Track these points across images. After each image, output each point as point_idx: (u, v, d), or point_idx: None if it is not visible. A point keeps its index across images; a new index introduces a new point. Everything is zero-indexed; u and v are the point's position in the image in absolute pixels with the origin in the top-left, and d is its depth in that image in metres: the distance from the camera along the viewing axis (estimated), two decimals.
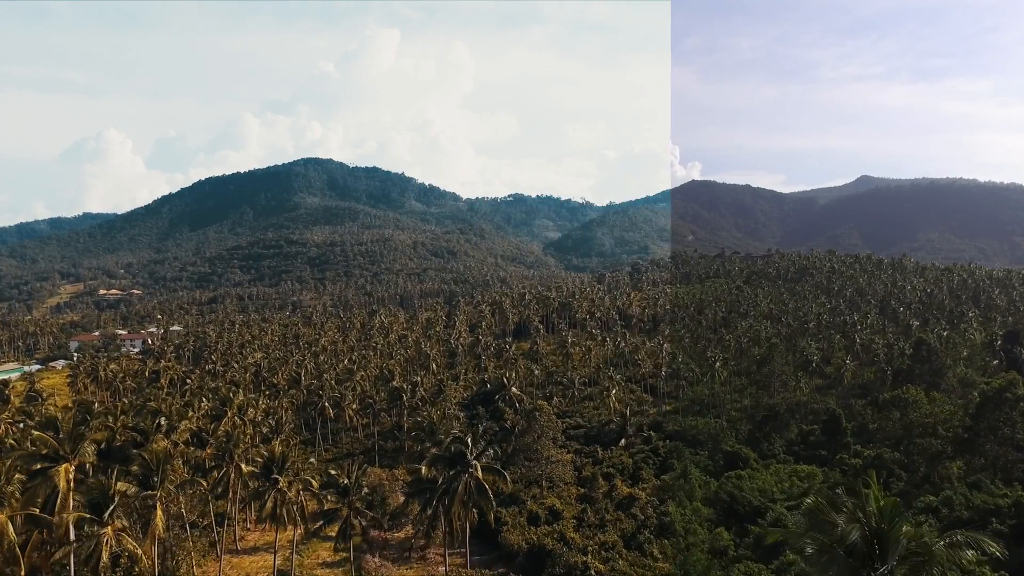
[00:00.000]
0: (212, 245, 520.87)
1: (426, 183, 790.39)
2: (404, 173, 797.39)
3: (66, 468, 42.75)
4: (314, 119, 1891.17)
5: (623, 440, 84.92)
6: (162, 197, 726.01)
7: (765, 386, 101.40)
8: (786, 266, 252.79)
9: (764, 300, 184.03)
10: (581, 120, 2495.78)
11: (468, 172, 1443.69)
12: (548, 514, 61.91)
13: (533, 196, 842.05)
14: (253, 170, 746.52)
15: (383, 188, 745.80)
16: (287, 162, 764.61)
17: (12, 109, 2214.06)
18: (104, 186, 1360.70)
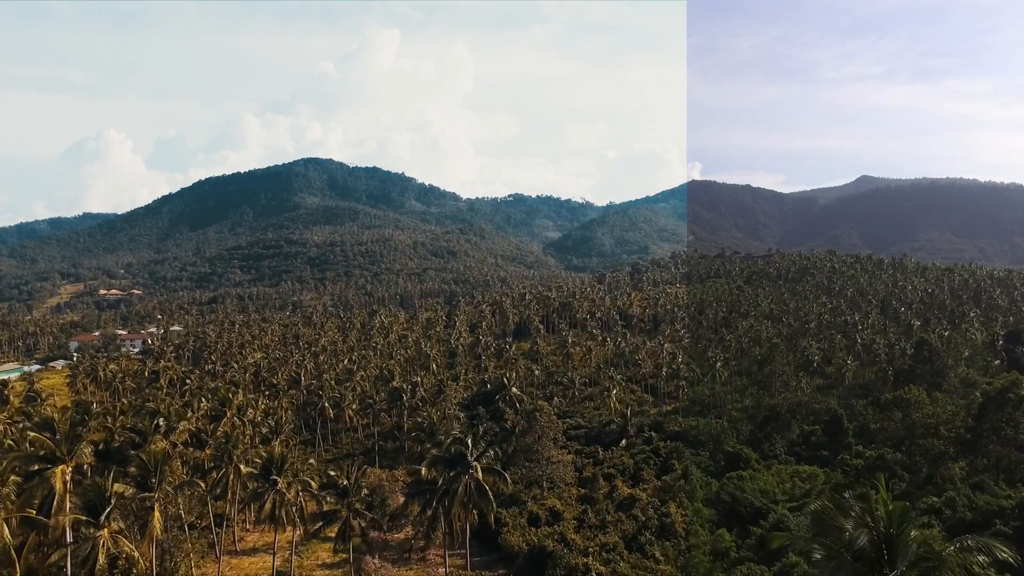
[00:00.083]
0: (212, 245, 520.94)
1: (426, 183, 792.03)
2: (404, 173, 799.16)
3: (63, 469, 42.46)
4: (314, 119, 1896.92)
5: (624, 441, 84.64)
6: (162, 197, 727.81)
7: (766, 386, 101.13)
8: (787, 266, 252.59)
9: (765, 300, 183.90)
10: (581, 120, 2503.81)
11: (468, 172, 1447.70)
12: (549, 515, 61.58)
13: (533, 196, 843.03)
14: (253, 170, 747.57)
15: (383, 188, 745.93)
16: (287, 162, 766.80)
17: (12, 109, 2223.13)
18: (104, 186, 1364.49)
